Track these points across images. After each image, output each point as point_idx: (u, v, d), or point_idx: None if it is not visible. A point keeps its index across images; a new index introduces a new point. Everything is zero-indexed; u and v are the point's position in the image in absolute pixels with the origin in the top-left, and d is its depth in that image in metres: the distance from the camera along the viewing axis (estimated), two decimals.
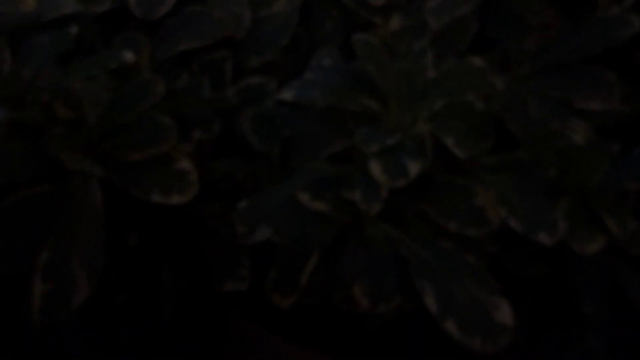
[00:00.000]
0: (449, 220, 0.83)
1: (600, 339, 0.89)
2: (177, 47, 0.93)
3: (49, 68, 0.85)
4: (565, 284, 0.89)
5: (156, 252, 0.91)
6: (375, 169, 0.79)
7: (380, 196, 0.80)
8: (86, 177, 0.82)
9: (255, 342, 0.96)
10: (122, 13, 0.96)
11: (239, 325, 0.97)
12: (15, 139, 0.82)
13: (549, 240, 0.80)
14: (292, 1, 0.98)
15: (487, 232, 0.83)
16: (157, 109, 0.83)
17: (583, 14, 0.95)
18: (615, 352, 0.90)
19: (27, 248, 0.81)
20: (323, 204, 0.82)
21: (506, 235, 0.83)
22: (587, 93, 0.89)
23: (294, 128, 0.91)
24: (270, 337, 0.95)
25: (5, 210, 0.82)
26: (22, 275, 0.81)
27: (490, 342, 0.78)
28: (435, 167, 0.84)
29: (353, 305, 0.83)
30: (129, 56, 0.84)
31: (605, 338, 0.90)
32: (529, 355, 0.90)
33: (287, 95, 0.84)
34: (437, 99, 0.86)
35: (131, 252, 0.91)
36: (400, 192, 0.81)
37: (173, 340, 0.98)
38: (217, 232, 0.89)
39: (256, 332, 0.95)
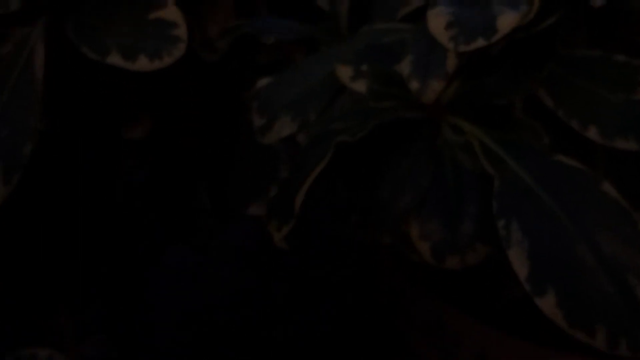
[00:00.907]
0: (586, 122, 0.47)
1: None
2: None
3: None
4: None
5: (175, 151, 0.63)
6: (435, 19, 0.45)
7: (445, 68, 0.46)
8: (32, 22, 0.54)
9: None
10: None
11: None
12: None
13: None
14: None
15: None
16: None
17: None
18: None
19: None
20: (366, 83, 0.49)
21: None
22: None
23: None
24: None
25: None
26: None
27: None
28: (574, 30, 0.49)
29: (411, 251, 0.50)
30: None
31: None
32: None
33: None
34: None
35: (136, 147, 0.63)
36: (496, 63, 0.47)
37: None
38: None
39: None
